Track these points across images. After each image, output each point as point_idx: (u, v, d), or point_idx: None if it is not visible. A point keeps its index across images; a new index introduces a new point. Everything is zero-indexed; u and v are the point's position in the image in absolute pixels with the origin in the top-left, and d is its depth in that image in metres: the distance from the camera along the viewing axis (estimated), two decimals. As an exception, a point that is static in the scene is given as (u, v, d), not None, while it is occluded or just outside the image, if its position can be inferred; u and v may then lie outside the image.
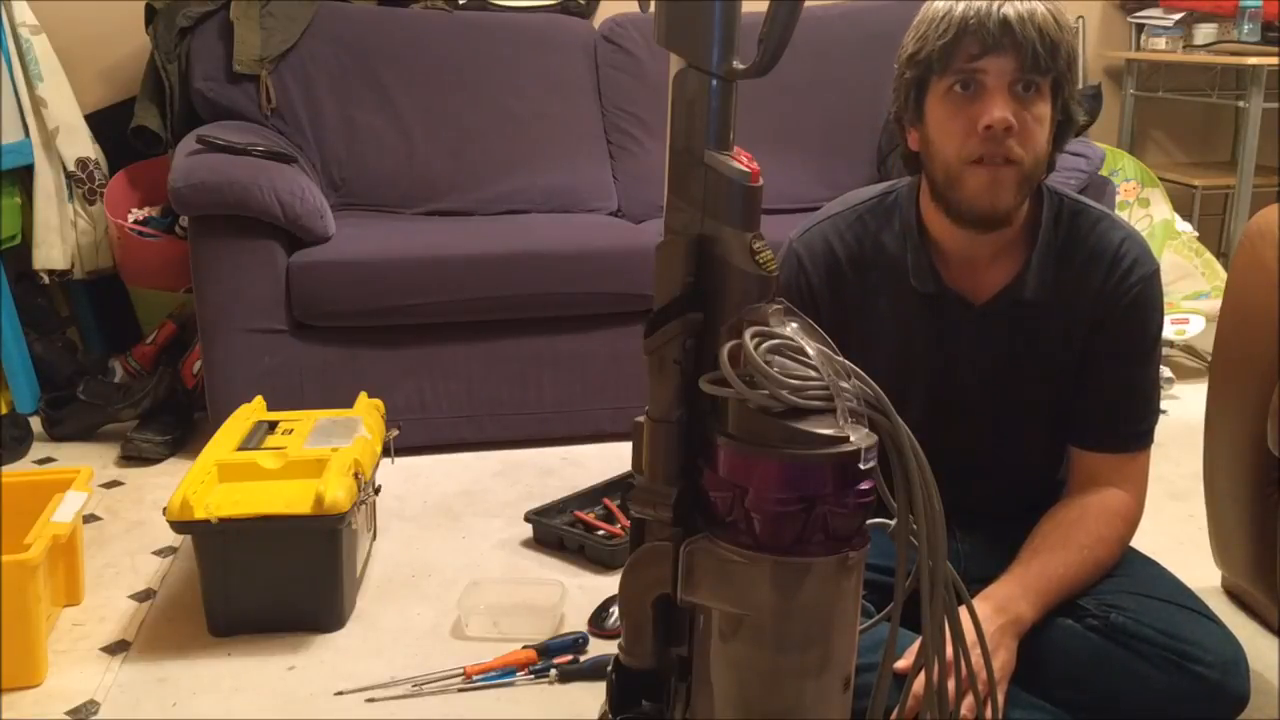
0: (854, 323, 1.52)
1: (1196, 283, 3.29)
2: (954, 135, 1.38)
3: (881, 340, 1.52)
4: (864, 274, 1.53)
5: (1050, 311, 1.49)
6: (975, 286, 1.50)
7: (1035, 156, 1.39)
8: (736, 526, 1.00)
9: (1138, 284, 1.48)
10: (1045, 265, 1.48)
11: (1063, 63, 1.37)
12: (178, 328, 2.95)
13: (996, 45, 1.33)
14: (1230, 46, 3.52)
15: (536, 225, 2.89)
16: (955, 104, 1.38)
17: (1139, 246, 1.51)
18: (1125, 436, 1.54)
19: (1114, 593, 1.46)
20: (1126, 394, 1.53)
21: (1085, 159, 2.84)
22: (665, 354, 1.05)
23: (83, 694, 1.70)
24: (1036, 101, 1.37)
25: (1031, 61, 1.34)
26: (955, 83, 1.37)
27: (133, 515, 2.33)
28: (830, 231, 1.55)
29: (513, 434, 2.69)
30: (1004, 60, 1.34)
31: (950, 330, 1.51)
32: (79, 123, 2.96)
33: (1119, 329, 1.50)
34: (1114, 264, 1.48)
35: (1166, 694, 1.39)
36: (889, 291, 1.52)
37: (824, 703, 1.04)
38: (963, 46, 1.35)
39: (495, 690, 1.71)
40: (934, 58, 1.37)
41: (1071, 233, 1.50)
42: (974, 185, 1.38)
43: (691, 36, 1.02)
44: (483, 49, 3.14)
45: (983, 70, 1.35)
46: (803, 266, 1.54)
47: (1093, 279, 1.49)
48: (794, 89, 3.08)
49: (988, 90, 1.35)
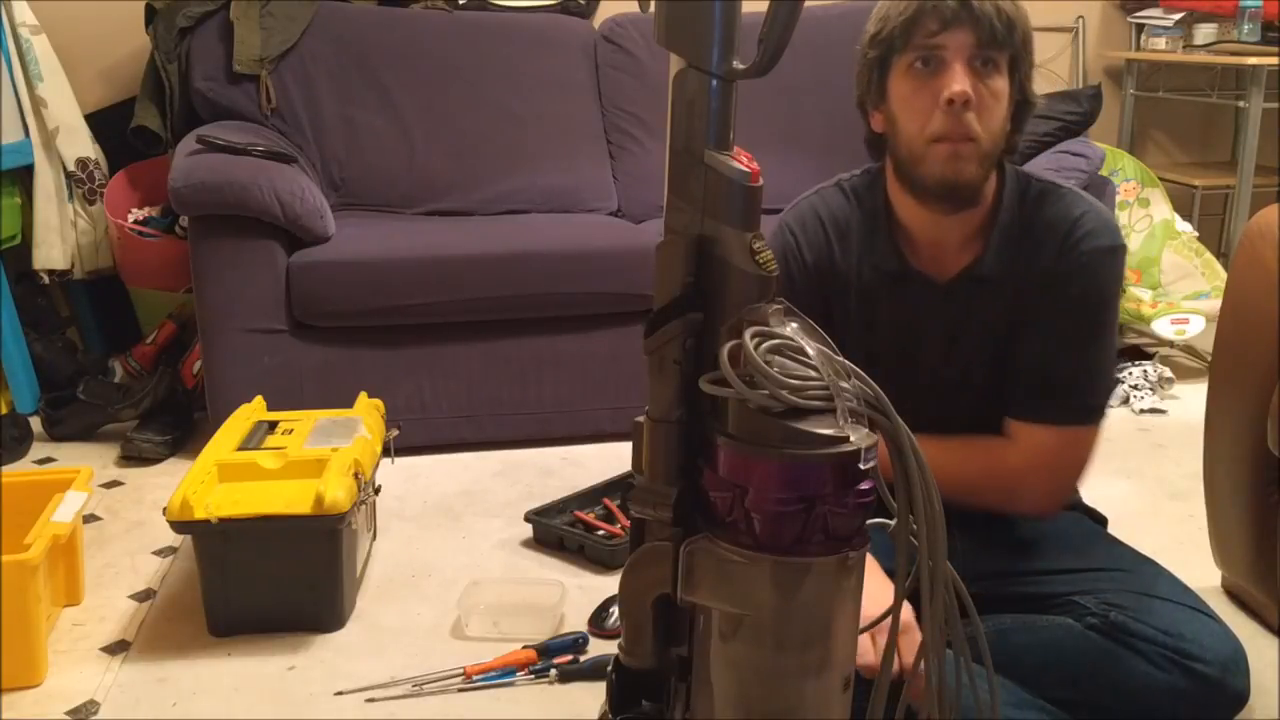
0: (846, 292, 1.55)
1: (1196, 283, 3.29)
2: (917, 112, 1.43)
3: (853, 316, 1.56)
4: (843, 244, 1.57)
5: (1006, 287, 1.50)
6: (941, 268, 1.53)
7: (993, 132, 1.42)
8: (736, 526, 1.00)
9: (1089, 255, 1.47)
10: (1005, 243, 1.50)
11: (1019, 40, 1.41)
12: (178, 328, 2.95)
13: (955, 20, 1.38)
14: (1230, 46, 3.52)
15: (536, 225, 2.89)
16: (917, 80, 1.42)
17: (1099, 220, 1.49)
18: (1045, 409, 1.49)
19: (1114, 591, 1.46)
20: (1058, 365, 1.49)
21: (1085, 159, 2.84)
22: (665, 354, 1.05)
23: (83, 694, 1.70)
24: (994, 76, 1.41)
25: (989, 36, 1.38)
26: (916, 59, 1.42)
27: (133, 515, 2.33)
28: (818, 203, 1.61)
29: (513, 434, 2.69)
30: (962, 35, 1.39)
31: (914, 309, 1.54)
32: (79, 123, 2.96)
33: (1063, 296, 1.48)
34: (1068, 234, 1.49)
35: (1166, 692, 1.40)
36: (860, 266, 1.56)
37: (824, 703, 1.04)
38: (922, 23, 1.40)
39: (495, 690, 1.71)
40: (895, 34, 1.42)
41: (1036, 211, 1.51)
42: (937, 160, 1.42)
43: (691, 36, 1.01)
44: (483, 49, 3.14)
45: (942, 45, 1.40)
46: (795, 239, 1.58)
47: (1046, 250, 1.49)
48: (794, 89, 3.08)
49: (947, 64, 1.40)
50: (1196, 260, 3.33)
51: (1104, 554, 1.56)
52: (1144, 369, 3.04)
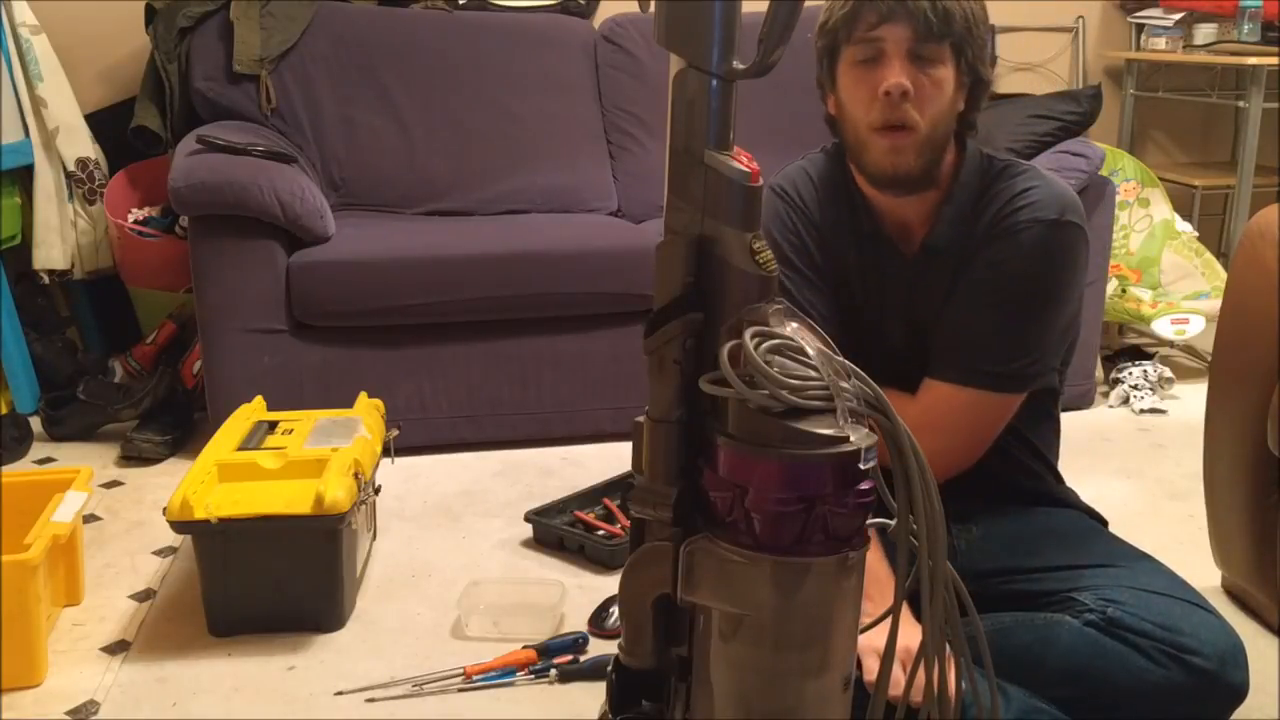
0: (829, 250, 1.59)
1: (1196, 283, 3.29)
2: (859, 102, 1.47)
3: (835, 277, 1.59)
4: (833, 206, 1.60)
5: (952, 258, 1.53)
6: (907, 244, 1.57)
7: (934, 119, 1.46)
8: (736, 526, 1.00)
9: (1025, 224, 1.49)
10: (958, 217, 1.52)
11: (960, 27, 1.44)
12: (178, 328, 2.95)
13: (891, 15, 1.42)
14: (1230, 46, 3.52)
15: (536, 225, 2.89)
16: (859, 72, 1.46)
17: (1049, 194, 1.50)
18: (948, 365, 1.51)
19: (1111, 587, 1.46)
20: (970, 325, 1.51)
21: (1085, 159, 2.84)
22: (665, 354, 1.05)
23: (83, 694, 1.70)
24: (935, 66, 1.44)
25: (925, 29, 1.41)
26: (858, 51, 1.45)
27: (133, 515, 2.33)
28: (807, 165, 1.65)
29: (513, 434, 2.69)
30: (899, 29, 1.42)
31: (882, 277, 1.58)
32: (79, 123, 2.96)
33: (987, 260, 1.50)
34: (1009, 203, 1.51)
35: (1165, 687, 1.39)
36: (842, 228, 1.59)
37: (824, 703, 1.04)
38: (862, 17, 1.44)
39: (495, 690, 1.71)
40: (839, 27, 1.47)
41: (993, 187, 1.54)
42: (878, 151, 1.47)
43: (691, 36, 1.02)
44: (483, 49, 3.14)
45: (880, 39, 1.43)
46: (787, 194, 1.61)
47: (986, 218, 1.52)
48: (794, 89, 3.07)
49: (886, 57, 1.44)
50: (1196, 260, 3.33)
51: (1101, 550, 1.56)
52: (1144, 369, 3.04)
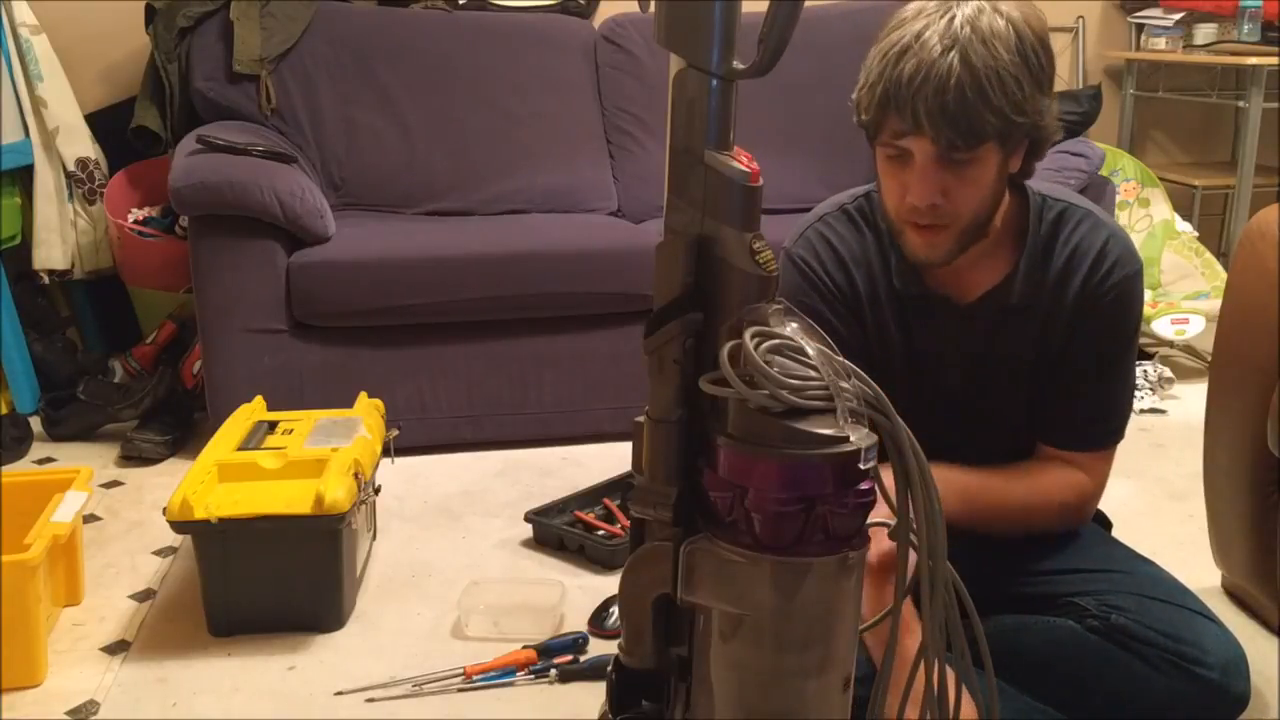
0: (861, 317, 1.53)
1: (1196, 283, 3.29)
2: (891, 192, 1.40)
3: (871, 342, 1.53)
4: (858, 269, 1.53)
5: (1034, 314, 1.49)
6: (960, 289, 1.50)
7: (973, 210, 1.38)
8: (736, 526, 1.00)
9: (1120, 284, 1.48)
10: (1032, 269, 1.48)
11: (995, 127, 1.30)
12: (178, 328, 2.95)
13: (918, 128, 1.30)
14: (1230, 46, 3.52)
15: (536, 225, 2.89)
16: (892, 166, 1.38)
17: (1122, 246, 1.50)
18: (1094, 436, 1.54)
19: (1114, 594, 1.46)
20: (1098, 394, 1.53)
21: (1085, 159, 2.84)
22: (665, 354, 1.05)
23: (83, 694, 1.70)
24: (971, 166, 1.34)
25: (949, 146, 1.30)
26: (888, 149, 1.37)
27: (133, 515, 2.33)
28: (826, 230, 1.55)
29: (513, 434, 2.69)
30: (924, 142, 1.32)
31: (933, 330, 1.52)
32: (79, 123, 2.96)
33: (1096, 328, 1.49)
34: (1096, 263, 1.48)
35: (1167, 695, 1.40)
36: (877, 288, 1.52)
37: (824, 703, 1.04)
38: (888, 122, 1.34)
39: (495, 690, 1.71)
40: (868, 124, 1.37)
41: (1056, 233, 1.49)
42: (911, 243, 1.42)
43: (691, 36, 1.01)
44: (483, 49, 3.14)
45: (907, 149, 1.34)
46: (809, 266, 1.53)
47: (1075, 279, 1.48)
48: (794, 89, 3.08)
49: (916, 164, 1.34)
50: (1196, 260, 3.33)
51: (1104, 555, 1.56)
52: (1144, 369, 3.04)
